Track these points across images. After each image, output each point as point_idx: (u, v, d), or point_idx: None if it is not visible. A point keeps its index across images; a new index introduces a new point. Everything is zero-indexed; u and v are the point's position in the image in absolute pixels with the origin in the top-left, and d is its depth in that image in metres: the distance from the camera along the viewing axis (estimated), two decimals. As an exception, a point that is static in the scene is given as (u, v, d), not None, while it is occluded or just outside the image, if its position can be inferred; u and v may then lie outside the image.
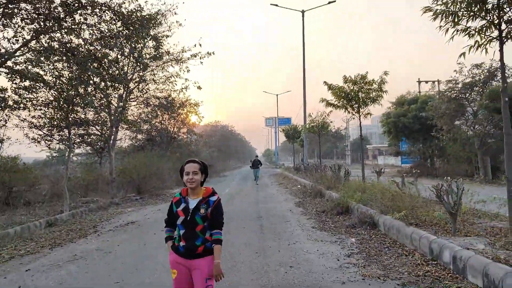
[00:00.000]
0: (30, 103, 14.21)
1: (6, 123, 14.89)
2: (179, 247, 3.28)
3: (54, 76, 12.88)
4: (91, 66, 12.90)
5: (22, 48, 11.49)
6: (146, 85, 20.10)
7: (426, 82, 36.48)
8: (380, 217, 7.99)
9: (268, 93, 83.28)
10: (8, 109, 14.07)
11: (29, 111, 14.79)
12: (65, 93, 13.54)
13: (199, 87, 20.48)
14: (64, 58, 12.24)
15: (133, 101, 21.26)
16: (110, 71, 16.25)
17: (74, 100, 13.80)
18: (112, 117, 18.92)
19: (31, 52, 12.17)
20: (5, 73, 11.73)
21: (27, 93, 13.74)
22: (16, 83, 11.85)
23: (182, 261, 3.26)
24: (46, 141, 17.46)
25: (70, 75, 13.05)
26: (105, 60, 14.23)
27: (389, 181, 10.66)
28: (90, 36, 13.10)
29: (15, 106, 14.14)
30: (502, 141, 6.45)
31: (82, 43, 12.81)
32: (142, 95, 21.27)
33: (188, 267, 3.25)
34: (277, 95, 62.72)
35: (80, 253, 7.47)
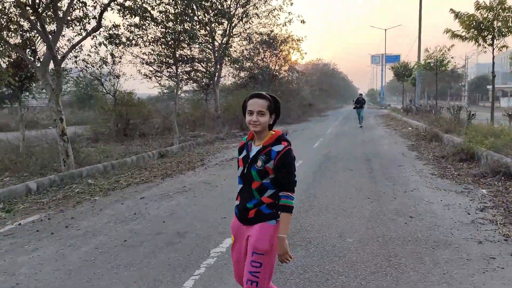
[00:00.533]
0: (141, 39, 14.72)
1: (120, 59, 15.76)
2: (235, 207, 2.57)
3: (160, 12, 12.95)
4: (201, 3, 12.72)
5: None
6: (248, 19, 19.55)
7: None
8: (520, 167, 6.73)
9: (375, 27, 77.33)
10: (122, 45, 14.76)
11: (140, 47, 15.40)
12: (171, 29, 13.68)
13: (302, 21, 19.42)
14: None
15: (236, 36, 20.98)
16: (214, 6, 16.02)
17: (180, 36, 13.90)
18: (216, 54, 18.98)
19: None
20: (117, 10, 12.04)
21: (137, 29, 14.19)
22: (126, 19, 12.07)
23: (238, 225, 2.52)
24: (156, 77, 18.28)
25: (175, 10, 13.00)
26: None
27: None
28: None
29: (128, 42, 14.77)
30: None
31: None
32: (244, 31, 20.85)
33: (244, 233, 2.47)
34: (385, 29, 57.96)
35: (188, 185, 7.63)
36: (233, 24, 19.25)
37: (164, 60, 17.02)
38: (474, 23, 11.83)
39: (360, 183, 7.43)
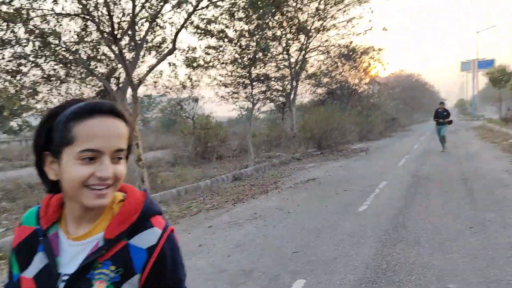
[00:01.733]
0: (218, 61, 14.83)
1: (199, 82, 16.04)
2: None
3: (236, 30, 12.88)
4: (273, 17, 12.45)
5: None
6: (326, 32, 18.90)
7: None
8: None
9: (465, 30, 71.86)
10: (199, 68, 15.00)
11: (216, 69, 15.54)
12: (247, 49, 13.57)
13: (384, 29, 18.29)
14: (245, 12, 11.97)
15: (313, 51, 20.42)
16: (291, 22, 15.71)
17: (257, 55, 13.73)
18: (292, 70, 18.57)
19: (214, 9, 12.33)
20: (192, 32, 12.16)
21: (214, 51, 14.32)
22: (200, 39, 12.14)
23: None
24: (233, 99, 18.37)
25: (251, 28, 12.82)
26: (286, 8, 13.66)
27: None
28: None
29: (205, 65, 14.97)
30: None
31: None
32: (322, 44, 20.20)
33: None
34: (477, 32, 53.46)
35: (260, 211, 7.09)
36: (310, 39, 18.75)
37: (240, 81, 17.04)
38: None
39: (458, 208, 6.30)
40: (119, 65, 10.12)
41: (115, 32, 8.76)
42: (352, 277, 3.89)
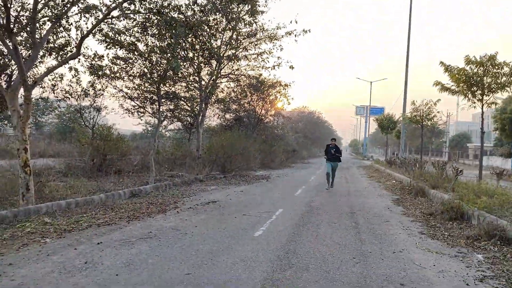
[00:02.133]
0: (125, 73, 14.31)
1: (103, 91, 15.26)
2: None
3: (147, 45, 12.58)
4: (186, 39, 12.43)
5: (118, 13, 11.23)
6: (238, 61, 19.47)
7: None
8: (517, 231, 6.20)
9: (361, 79, 79.19)
10: (105, 77, 14.30)
11: (123, 81, 14.96)
12: (158, 66, 13.32)
13: (291, 67, 19.36)
14: (159, 30, 11.79)
15: (224, 77, 20.83)
16: (204, 46, 15.84)
17: (167, 73, 13.52)
18: (202, 93, 18.66)
19: (126, 20, 11.97)
20: (100, 40, 11.61)
21: (123, 62, 13.80)
22: (108, 48, 11.60)
23: None
24: (139, 113, 17.78)
25: (162, 46, 12.65)
26: (200, 32, 13.74)
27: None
28: (187, 6, 12.60)
29: (112, 75, 14.33)
30: None
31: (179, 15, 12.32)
32: (233, 72, 20.75)
33: None
34: (371, 82, 59.22)
35: (155, 230, 6.87)
36: (221, 65, 19.12)
37: (148, 96, 16.59)
38: (464, 77, 11.76)
39: (345, 239, 6.77)
40: (13, 62, 9.26)
41: (11, 26, 8.03)
42: (242, 300, 3.93)
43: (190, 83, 18.95)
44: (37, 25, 9.03)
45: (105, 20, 9.88)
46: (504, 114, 26.23)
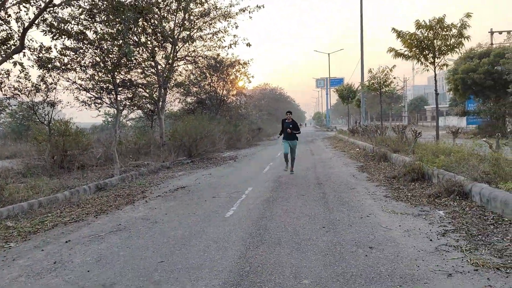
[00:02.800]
0: (77, 64, 13.73)
1: (55, 85, 14.62)
2: None
3: (95, 32, 12.07)
4: (136, 23, 12.01)
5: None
6: (193, 42, 19.07)
7: (500, 32, 32.54)
8: (473, 185, 6.54)
9: (319, 52, 79.71)
10: (55, 70, 13.68)
11: (76, 72, 14.37)
12: (110, 54, 12.85)
13: (248, 44, 19.20)
14: (107, 16, 11.31)
15: (181, 60, 20.40)
16: (157, 30, 15.38)
17: (121, 60, 13.08)
18: (160, 78, 18.24)
19: (71, 8, 11.42)
20: (46, 30, 11.04)
21: (73, 53, 13.22)
22: (55, 39, 11.06)
23: None
24: (96, 104, 17.18)
25: (112, 32, 12.18)
26: (150, 15, 13.31)
27: (475, 143, 9.03)
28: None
29: (63, 67, 13.72)
30: None
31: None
32: (190, 54, 20.35)
33: None
34: (328, 54, 59.77)
35: (124, 222, 6.77)
36: (177, 48, 18.70)
37: (103, 86, 16.04)
38: (415, 42, 12.05)
39: (314, 210, 6.93)
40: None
41: None
42: (216, 281, 3.96)
43: (146, 68, 18.43)
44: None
45: (48, 9, 9.38)
46: (456, 75, 27.13)
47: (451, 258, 4.22)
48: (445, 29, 11.61)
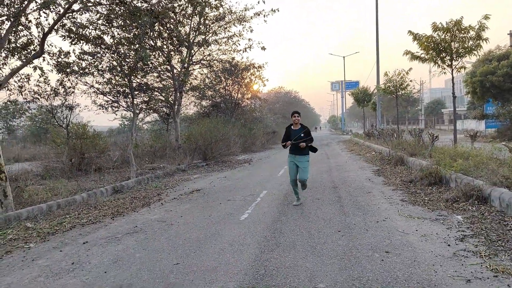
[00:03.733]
0: (95, 68, 13.97)
1: (74, 89, 14.90)
2: None
3: (114, 38, 12.27)
4: (153, 28, 12.17)
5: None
6: (208, 46, 19.23)
7: (520, 34, 31.94)
8: (493, 190, 6.42)
9: (334, 55, 79.33)
10: (74, 74, 13.95)
11: (93, 76, 14.62)
12: (127, 58, 13.04)
13: (263, 48, 19.27)
14: (124, 21, 11.48)
15: (196, 64, 20.58)
16: (173, 34, 15.56)
17: (137, 64, 13.26)
18: (176, 82, 18.42)
19: (89, 13, 11.62)
20: (66, 35, 11.27)
21: (90, 57, 13.46)
22: (74, 44, 11.27)
23: None
24: (113, 107, 17.43)
25: (129, 37, 12.36)
26: (166, 20, 13.47)
27: (494, 146, 8.86)
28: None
29: (81, 72, 13.98)
30: None
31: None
32: (205, 58, 20.51)
33: None
34: (344, 57, 59.53)
35: (141, 224, 6.83)
36: (192, 52, 18.87)
37: (120, 89, 16.28)
38: (432, 45, 11.90)
39: (329, 214, 6.89)
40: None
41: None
42: (231, 284, 3.97)
43: (162, 72, 18.66)
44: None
45: (67, 15, 9.57)
46: (474, 78, 26.71)
47: (469, 264, 4.15)
48: (462, 31, 11.45)
